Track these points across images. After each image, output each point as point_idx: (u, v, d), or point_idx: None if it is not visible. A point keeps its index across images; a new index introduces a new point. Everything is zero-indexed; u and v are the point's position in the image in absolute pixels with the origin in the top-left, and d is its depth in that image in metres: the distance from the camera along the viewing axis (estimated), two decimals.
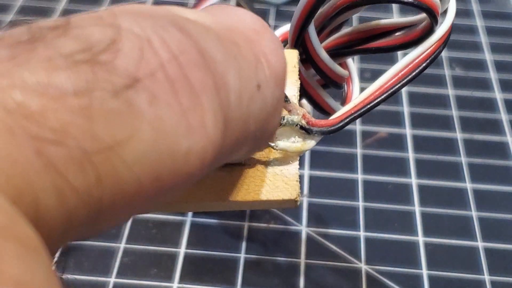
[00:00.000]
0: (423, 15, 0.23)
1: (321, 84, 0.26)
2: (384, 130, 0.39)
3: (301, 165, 0.36)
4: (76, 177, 0.12)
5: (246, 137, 0.17)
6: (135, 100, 0.13)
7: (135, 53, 0.14)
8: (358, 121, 0.39)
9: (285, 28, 0.26)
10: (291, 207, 0.22)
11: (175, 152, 0.14)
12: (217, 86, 0.15)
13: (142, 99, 0.13)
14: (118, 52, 0.14)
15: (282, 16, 0.47)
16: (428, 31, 0.23)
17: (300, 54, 0.24)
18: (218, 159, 0.16)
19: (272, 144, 0.21)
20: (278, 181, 0.22)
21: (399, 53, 0.44)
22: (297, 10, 0.23)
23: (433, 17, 0.22)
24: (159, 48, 0.14)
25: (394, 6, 0.48)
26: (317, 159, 0.37)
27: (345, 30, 0.25)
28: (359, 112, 0.23)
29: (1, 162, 0.11)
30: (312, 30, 0.24)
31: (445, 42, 0.24)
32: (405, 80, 0.23)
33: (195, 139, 0.14)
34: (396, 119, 0.40)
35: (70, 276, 0.31)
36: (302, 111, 0.22)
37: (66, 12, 0.47)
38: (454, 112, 0.41)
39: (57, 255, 0.31)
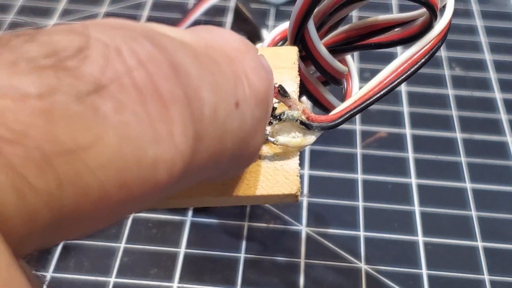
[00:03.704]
0: (422, 10, 0.23)
1: (321, 81, 0.26)
2: (384, 130, 0.39)
3: (301, 165, 0.36)
4: (36, 178, 0.12)
5: (222, 154, 0.17)
6: (100, 106, 0.13)
7: (102, 60, 0.14)
8: (358, 121, 0.39)
9: (284, 26, 0.26)
10: (292, 202, 0.22)
11: (141, 160, 0.14)
12: (189, 99, 0.15)
13: (107, 105, 0.13)
14: (85, 59, 0.14)
15: (282, 16, 0.47)
16: (427, 26, 0.23)
17: (300, 51, 0.25)
18: (190, 173, 0.16)
19: (273, 139, 0.22)
20: (278, 176, 0.22)
21: (398, 51, 0.44)
22: (296, 6, 0.23)
23: (433, 12, 0.23)
24: (128, 56, 0.14)
25: (394, 4, 0.48)
26: (317, 159, 0.37)
27: (343, 27, 0.25)
28: (358, 108, 0.23)
29: None
30: (311, 26, 0.24)
31: (444, 38, 0.24)
32: (404, 76, 0.24)
33: (162, 148, 0.14)
34: (396, 119, 0.40)
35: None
36: (302, 106, 0.22)
37: (66, 12, 0.47)
38: (454, 112, 0.41)
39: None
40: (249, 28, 0.42)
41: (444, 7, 0.23)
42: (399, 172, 0.37)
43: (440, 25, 0.23)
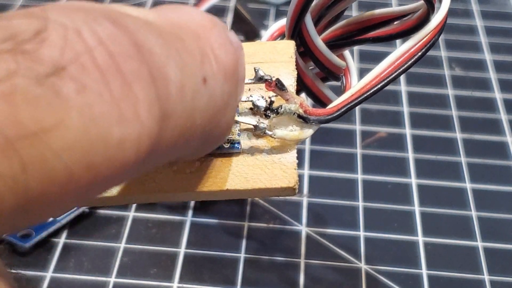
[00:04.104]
0: (419, 3, 0.23)
1: (320, 77, 0.27)
2: (383, 130, 0.39)
3: (301, 165, 0.36)
4: (0, 163, 0.12)
5: (192, 132, 0.17)
6: (61, 88, 0.13)
7: (61, 41, 0.14)
8: (358, 121, 0.40)
9: (282, 22, 0.26)
10: (290, 195, 0.22)
11: (107, 140, 0.14)
12: (154, 77, 0.15)
13: (69, 87, 0.13)
14: (44, 41, 0.13)
15: (281, 16, 0.47)
16: (425, 19, 0.23)
17: (298, 47, 0.25)
18: (159, 151, 0.16)
19: (270, 133, 0.22)
20: (276, 169, 0.22)
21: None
22: (293, 0, 0.23)
23: (430, 4, 0.23)
24: (87, 37, 0.14)
25: (393, 3, 0.48)
26: (317, 159, 0.37)
27: (341, 22, 0.26)
28: (356, 101, 0.23)
29: None
30: (308, 20, 0.24)
31: (440, 31, 0.24)
32: (401, 69, 0.24)
33: (128, 127, 0.14)
34: (395, 119, 0.40)
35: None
36: (299, 99, 0.22)
37: None
38: (454, 112, 0.41)
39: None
40: (249, 28, 0.42)
41: (440, 1, 0.24)
42: (399, 172, 0.37)
43: (437, 18, 0.23)
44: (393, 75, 0.23)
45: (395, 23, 0.24)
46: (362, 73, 0.42)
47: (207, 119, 0.17)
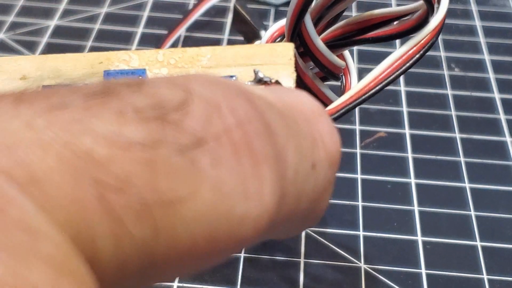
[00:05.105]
0: (418, 3, 0.23)
1: (319, 77, 0.27)
2: (383, 130, 0.39)
3: None
4: (135, 226, 0.12)
5: (296, 214, 0.17)
6: (198, 160, 0.14)
7: (204, 115, 0.14)
8: (357, 121, 0.40)
9: (282, 23, 0.26)
10: None
11: (232, 215, 0.14)
12: (278, 159, 0.15)
13: (205, 160, 0.14)
14: (188, 113, 0.14)
15: (281, 17, 0.47)
16: (424, 19, 0.23)
17: (298, 47, 0.25)
18: (271, 230, 0.16)
19: None
20: None
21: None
22: (293, 1, 0.23)
23: (429, 4, 0.23)
24: (227, 114, 0.14)
25: (393, 4, 0.48)
26: None
27: (340, 22, 0.26)
28: (354, 103, 0.23)
29: (64, 200, 0.12)
30: (308, 20, 0.24)
31: (438, 33, 0.24)
32: (399, 71, 0.24)
33: (252, 205, 0.14)
34: (395, 119, 0.40)
35: None
36: None
37: (66, 12, 0.47)
38: (453, 112, 0.41)
39: None
40: (248, 29, 0.42)
41: (439, 2, 0.24)
42: (399, 172, 0.37)
43: (435, 20, 0.24)
44: (392, 77, 0.24)
45: (395, 23, 0.25)
46: (361, 73, 0.42)
47: (310, 204, 0.18)
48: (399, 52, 0.24)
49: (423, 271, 0.32)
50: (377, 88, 0.23)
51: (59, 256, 0.11)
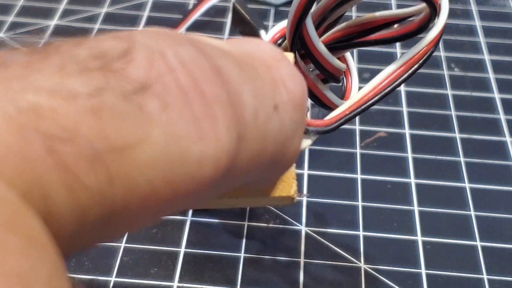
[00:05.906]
0: (420, 6, 0.23)
1: (320, 79, 0.27)
2: (383, 130, 0.39)
3: (301, 165, 0.37)
4: (87, 175, 0.12)
5: (263, 157, 0.18)
6: (146, 105, 0.14)
7: (146, 61, 0.14)
8: (357, 121, 0.40)
9: (284, 24, 0.26)
10: (288, 204, 0.22)
11: (187, 157, 0.14)
12: (231, 101, 0.16)
13: (153, 104, 0.14)
14: (131, 61, 0.14)
15: (281, 17, 0.47)
16: (426, 23, 0.23)
17: (299, 49, 0.25)
18: (233, 173, 0.16)
19: None
20: None
21: (398, 50, 0.44)
22: (294, 3, 0.23)
23: (433, 7, 0.23)
24: (171, 59, 0.15)
25: (393, 5, 0.48)
26: (316, 159, 0.37)
27: (342, 24, 0.26)
28: (354, 113, 0.23)
29: (12, 157, 0.11)
30: (309, 22, 0.24)
31: (437, 42, 0.24)
32: (399, 81, 0.24)
33: (207, 146, 0.15)
34: (395, 119, 0.40)
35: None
36: None
37: (66, 12, 0.47)
38: (453, 112, 0.41)
39: None
40: (247, 29, 0.42)
41: (439, 8, 0.24)
42: (398, 172, 0.37)
43: (434, 31, 0.24)
44: (391, 87, 0.24)
45: (396, 25, 0.25)
46: (361, 73, 0.42)
47: (277, 146, 0.18)
48: (399, 62, 0.24)
49: (423, 271, 0.32)
50: (375, 98, 0.24)
51: (7, 213, 0.11)
